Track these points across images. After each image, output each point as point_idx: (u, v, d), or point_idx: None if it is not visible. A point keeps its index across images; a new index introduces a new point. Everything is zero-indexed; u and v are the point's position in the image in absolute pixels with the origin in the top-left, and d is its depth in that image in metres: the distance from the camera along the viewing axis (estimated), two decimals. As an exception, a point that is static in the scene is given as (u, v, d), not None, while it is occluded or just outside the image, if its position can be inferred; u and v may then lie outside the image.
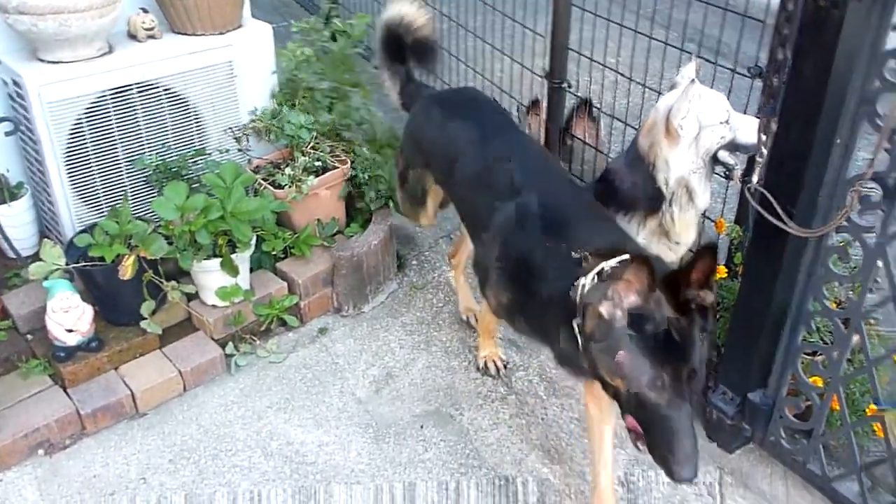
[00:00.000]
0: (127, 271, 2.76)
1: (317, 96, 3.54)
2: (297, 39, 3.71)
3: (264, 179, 3.34)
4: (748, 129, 2.47)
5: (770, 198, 2.20)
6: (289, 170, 3.31)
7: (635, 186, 2.66)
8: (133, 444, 2.73)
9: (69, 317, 2.77)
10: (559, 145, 3.80)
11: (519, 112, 4.02)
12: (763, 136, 2.21)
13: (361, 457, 2.71)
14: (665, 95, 2.66)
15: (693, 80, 2.52)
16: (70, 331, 2.79)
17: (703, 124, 2.52)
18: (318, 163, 3.37)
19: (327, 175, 3.38)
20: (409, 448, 2.74)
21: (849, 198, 2.04)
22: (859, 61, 1.98)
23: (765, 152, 2.22)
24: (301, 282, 3.22)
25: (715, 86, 2.76)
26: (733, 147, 2.58)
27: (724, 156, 2.59)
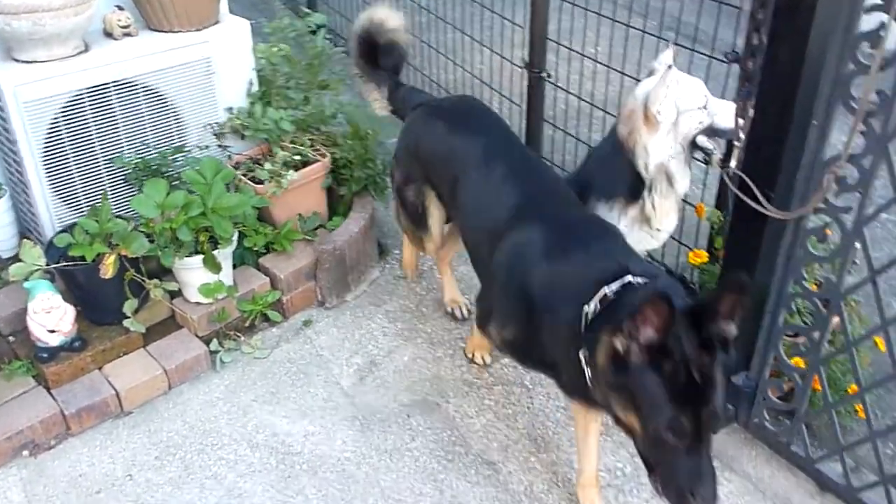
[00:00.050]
0: (108, 270, 2.75)
1: (290, 94, 3.52)
2: (272, 40, 3.68)
3: (244, 175, 3.33)
4: (726, 114, 2.49)
5: (748, 181, 2.21)
6: (268, 165, 3.29)
7: (615, 174, 2.68)
8: (119, 443, 2.72)
9: (51, 317, 2.76)
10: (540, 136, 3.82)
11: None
12: (740, 121, 2.23)
13: (347, 445, 2.72)
14: (643, 82, 2.67)
15: (670, 66, 2.53)
16: (52, 331, 2.77)
17: (681, 110, 2.54)
18: (297, 157, 3.36)
19: (308, 169, 3.37)
20: (395, 436, 2.75)
21: (825, 180, 2.06)
22: (833, 44, 1.99)
23: (742, 136, 2.23)
24: (283, 277, 3.22)
25: (692, 72, 2.78)
26: (712, 132, 2.60)
27: (702, 141, 2.61)
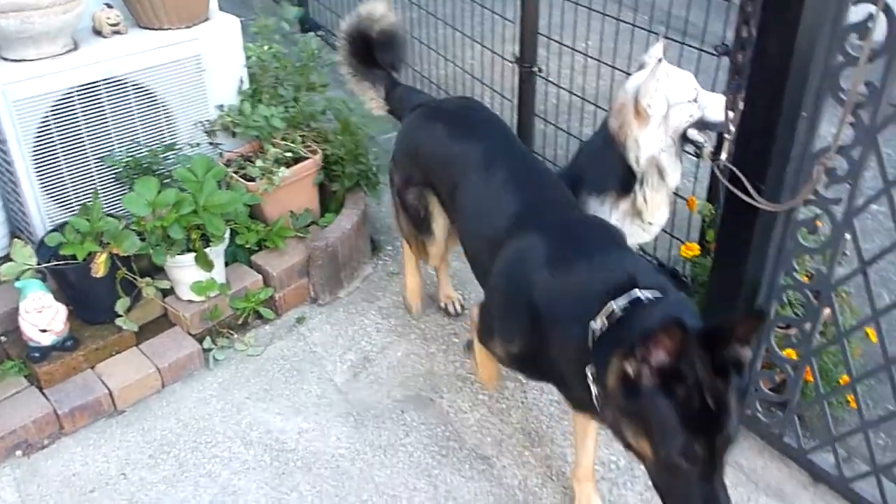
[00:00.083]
0: (100, 269, 2.74)
1: (280, 91, 3.51)
2: (260, 40, 3.67)
3: (236, 172, 3.32)
4: (716, 107, 2.49)
5: (739, 174, 2.22)
6: (260, 162, 3.29)
7: (607, 168, 2.67)
8: (112, 442, 2.72)
9: (43, 317, 2.75)
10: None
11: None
12: (730, 114, 2.23)
13: (341, 442, 2.72)
14: (633, 76, 2.67)
15: (661, 59, 2.53)
16: (44, 331, 2.76)
17: (671, 103, 2.54)
18: (289, 154, 3.35)
19: (299, 166, 3.37)
20: (389, 431, 2.75)
21: (815, 171, 2.07)
22: (822, 36, 2.00)
23: (732, 129, 2.24)
24: (276, 274, 3.21)
25: (683, 65, 2.78)
26: (702, 125, 2.60)
27: (693, 134, 2.61)
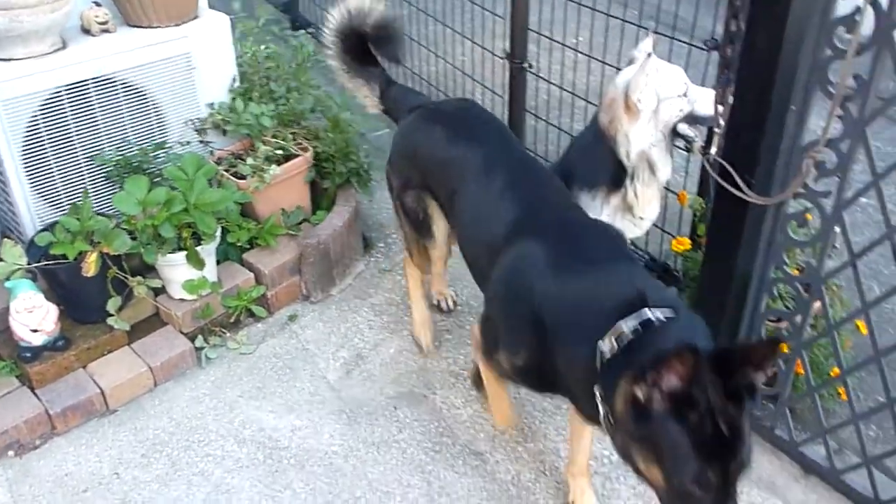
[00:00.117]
0: (90, 268, 2.73)
1: (272, 87, 3.51)
2: (249, 41, 3.66)
3: (226, 170, 3.31)
4: (706, 101, 2.49)
5: (729, 168, 2.22)
6: (250, 160, 3.28)
7: (597, 163, 2.68)
8: (105, 441, 2.71)
9: (33, 317, 2.74)
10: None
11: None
12: (720, 108, 2.24)
13: (334, 439, 2.72)
14: (623, 71, 2.67)
15: (650, 54, 2.54)
16: (35, 331, 2.75)
17: (661, 97, 2.54)
18: (279, 151, 3.35)
19: (290, 163, 3.36)
20: (382, 428, 2.75)
21: (804, 165, 2.07)
22: (810, 29, 2.00)
23: (722, 123, 2.24)
24: (268, 272, 3.21)
25: (672, 60, 2.78)
26: (692, 119, 2.60)
27: (683, 128, 2.62)
